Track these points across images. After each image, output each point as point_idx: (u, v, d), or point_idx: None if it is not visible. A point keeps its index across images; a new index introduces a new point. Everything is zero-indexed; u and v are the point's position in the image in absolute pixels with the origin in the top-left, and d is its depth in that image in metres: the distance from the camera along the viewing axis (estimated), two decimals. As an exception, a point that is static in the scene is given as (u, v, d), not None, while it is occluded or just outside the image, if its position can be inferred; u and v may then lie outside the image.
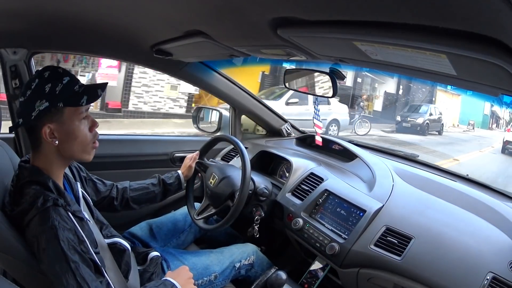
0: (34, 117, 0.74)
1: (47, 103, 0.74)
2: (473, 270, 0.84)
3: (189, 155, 1.32)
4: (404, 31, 0.47)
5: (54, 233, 0.68)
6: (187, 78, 1.56)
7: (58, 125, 0.76)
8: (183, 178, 1.24)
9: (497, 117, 14.25)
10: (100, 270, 0.75)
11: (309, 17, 0.57)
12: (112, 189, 1.11)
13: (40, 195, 0.72)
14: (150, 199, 1.17)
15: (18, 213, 0.73)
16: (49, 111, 0.75)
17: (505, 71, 0.47)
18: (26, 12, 0.86)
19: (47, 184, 0.75)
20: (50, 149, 0.78)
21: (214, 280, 1.08)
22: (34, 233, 0.70)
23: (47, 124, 0.75)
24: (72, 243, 0.70)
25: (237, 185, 1.18)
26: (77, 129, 0.79)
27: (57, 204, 0.72)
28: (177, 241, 1.27)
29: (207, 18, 0.76)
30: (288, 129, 1.81)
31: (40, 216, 0.70)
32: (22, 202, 0.73)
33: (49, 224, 0.69)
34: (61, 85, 0.75)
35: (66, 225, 0.71)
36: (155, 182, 1.19)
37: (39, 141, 0.77)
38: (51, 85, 0.75)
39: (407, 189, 1.16)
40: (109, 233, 0.94)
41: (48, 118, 0.75)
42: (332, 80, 1.15)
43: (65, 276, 0.67)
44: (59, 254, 0.68)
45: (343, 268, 1.01)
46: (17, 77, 1.24)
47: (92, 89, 0.80)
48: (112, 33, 1.07)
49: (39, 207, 0.70)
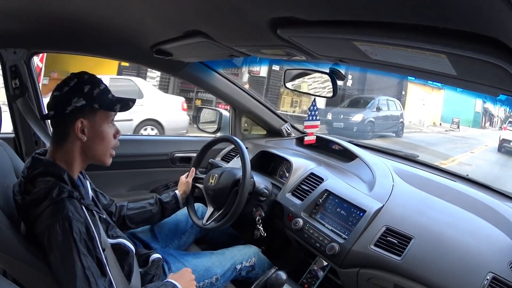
0: (69, 111, 0.78)
1: (84, 101, 0.79)
2: (473, 270, 0.84)
3: (182, 176, 1.30)
4: (404, 31, 0.48)
5: (68, 224, 0.69)
6: (187, 78, 1.56)
7: (90, 124, 0.81)
8: (181, 197, 1.24)
9: (491, 114, 13.03)
10: (104, 268, 0.75)
11: (309, 17, 0.57)
12: (112, 204, 1.11)
13: (55, 186, 0.73)
14: (147, 219, 1.16)
15: (31, 201, 0.73)
16: (84, 109, 0.79)
17: (505, 71, 0.47)
18: (26, 12, 0.86)
19: (62, 177, 0.77)
20: (75, 145, 0.81)
21: (215, 282, 1.08)
22: (47, 223, 0.70)
23: (80, 118, 0.79)
24: (83, 237, 0.71)
25: (238, 174, 1.18)
26: (105, 132, 0.84)
27: (72, 196, 0.73)
28: (179, 242, 1.27)
29: (207, 18, 0.76)
30: (288, 129, 1.81)
31: (55, 206, 0.71)
32: (35, 191, 0.74)
33: (64, 214, 0.70)
34: (98, 89, 0.81)
35: (79, 218, 0.72)
36: (152, 201, 1.19)
37: (66, 135, 0.80)
38: (90, 87, 0.80)
39: (407, 189, 1.16)
40: (115, 234, 0.94)
41: (82, 114, 0.80)
42: (332, 80, 1.15)
43: (74, 268, 0.67)
44: (70, 245, 0.68)
45: (343, 268, 1.01)
46: (17, 77, 1.24)
47: (124, 101, 0.86)
48: (112, 33, 1.07)
49: (54, 198, 0.71)
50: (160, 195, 1.23)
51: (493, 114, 13.02)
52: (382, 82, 10.39)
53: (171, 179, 1.62)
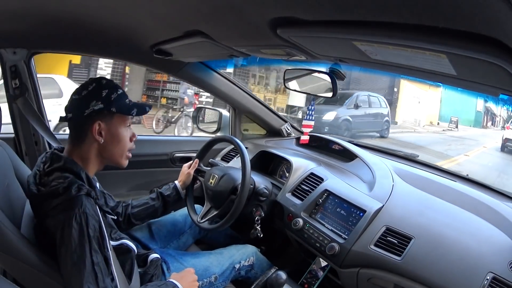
0: (87, 114, 0.81)
1: (102, 105, 0.82)
2: (473, 270, 0.84)
3: (186, 164, 1.33)
4: (404, 31, 0.47)
5: (85, 219, 0.71)
6: (187, 78, 1.56)
7: (107, 127, 0.84)
8: (180, 187, 1.25)
9: (493, 114, 12.44)
10: (110, 268, 0.76)
11: (309, 17, 0.57)
12: (119, 205, 1.13)
13: (75, 183, 0.75)
14: (151, 214, 1.19)
15: (48, 193, 0.75)
16: (101, 112, 0.82)
17: (505, 71, 0.47)
18: (26, 12, 0.86)
19: (80, 174, 0.79)
20: (92, 147, 0.84)
21: (214, 282, 1.08)
22: (63, 216, 0.71)
23: (98, 121, 0.82)
24: (97, 234, 0.73)
25: (238, 179, 1.18)
26: (122, 135, 0.87)
27: (90, 195, 0.76)
28: (177, 242, 1.27)
29: (207, 18, 0.76)
30: (288, 129, 1.81)
31: (73, 201, 0.72)
32: (54, 185, 0.75)
33: (82, 210, 0.72)
34: (116, 94, 0.84)
35: (95, 216, 0.74)
36: (154, 196, 1.20)
37: (84, 137, 0.83)
38: (108, 91, 0.83)
39: (407, 189, 1.16)
40: (118, 236, 0.95)
41: (99, 117, 0.82)
42: (332, 80, 1.15)
43: (84, 262, 0.68)
44: (85, 239, 0.70)
45: (343, 268, 1.01)
46: (17, 77, 1.24)
47: (141, 106, 0.89)
48: (112, 33, 1.07)
49: (73, 194, 0.73)
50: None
51: (495, 114, 12.45)
52: (371, 77, 9.46)
53: (171, 179, 1.61)
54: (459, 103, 11.46)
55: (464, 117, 11.56)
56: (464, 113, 11.61)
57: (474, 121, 12.34)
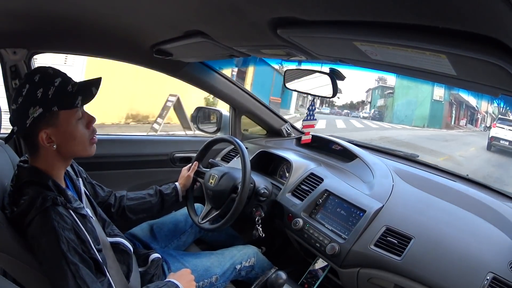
0: (29, 125, 0.72)
1: (41, 109, 0.72)
2: (473, 270, 0.84)
3: (185, 167, 1.32)
4: (404, 31, 0.47)
5: (54, 235, 0.68)
6: (187, 78, 1.56)
7: (55, 129, 0.75)
8: (181, 189, 1.24)
9: (471, 108, 8.01)
10: (101, 269, 0.75)
11: (309, 17, 0.57)
12: (110, 196, 1.10)
13: (39, 195, 0.71)
14: (146, 210, 1.16)
15: (18, 214, 0.72)
16: (44, 117, 0.73)
17: (505, 71, 0.47)
18: (26, 12, 0.86)
19: (46, 184, 0.75)
20: (49, 153, 0.77)
21: (215, 282, 1.08)
22: (34, 234, 0.70)
23: (43, 129, 0.74)
24: (72, 244, 0.69)
25: (238, 178, 1.18)
26: (75, 130, 0.78)
27: (56, 203, 0.71)
28: (178, 242, 1.27)
29: (207, 18, 0.76)
30: (288, 129, 1.81)
31: (40, 217, 0.69)
32: (22, 203, 0.72)
33: (49, 226, 0.68)
34: (53, 88, 0.73)
35: (66, 225, 0.70)
36: (152, 192, 1.18)
37: (36, 147, 0.76)
38: (43, 90, 0.72)
39: (407, 189, 1.16)
40: (112, 232, 0.94)
41: (43, 123, 0.74)
42: (332, 80, 1.15)
43: (65, 278, 0.67)
44: (58, 256, 0.67)
45: (343, 268, 1.01)
46: (17, 77, 1.23)
47: (86, 88, 0.77)
48: (112, 33, 1.07)
49: (38, 208, 0.69)
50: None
51: (475, 107, 8.29)
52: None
53: (171, 179, 1.61)
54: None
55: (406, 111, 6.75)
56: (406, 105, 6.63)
57: (429, 118, 7.46)
